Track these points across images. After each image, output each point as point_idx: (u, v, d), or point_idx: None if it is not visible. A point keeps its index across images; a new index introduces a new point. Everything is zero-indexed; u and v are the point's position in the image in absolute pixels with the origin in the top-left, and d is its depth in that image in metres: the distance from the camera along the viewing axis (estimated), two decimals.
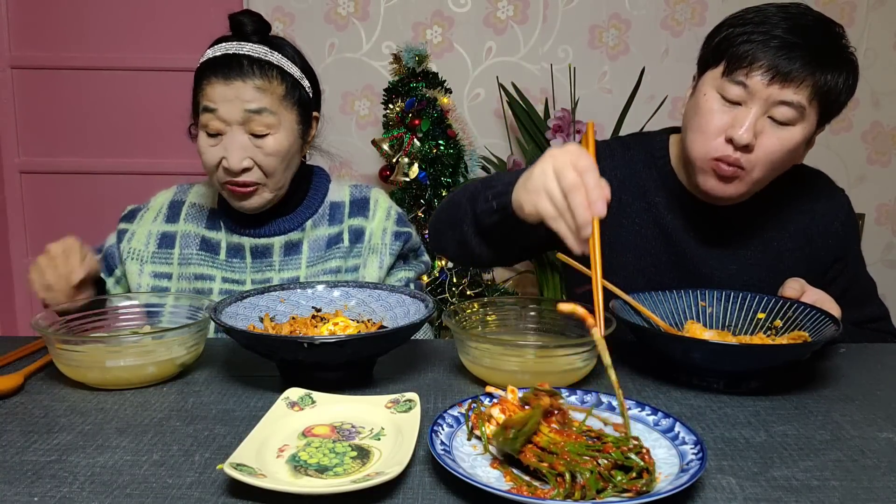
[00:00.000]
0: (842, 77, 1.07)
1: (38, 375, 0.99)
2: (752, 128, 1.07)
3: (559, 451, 0.68)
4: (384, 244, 1.31)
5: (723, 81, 1.10)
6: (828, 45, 1.07)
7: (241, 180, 1.20)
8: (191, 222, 1.32)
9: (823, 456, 0.78)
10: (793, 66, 1.04)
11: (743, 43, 1.07)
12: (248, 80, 1.17)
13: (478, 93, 2.76)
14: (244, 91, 1.17)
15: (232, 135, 1.18)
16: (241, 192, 1.21)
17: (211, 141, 1.20)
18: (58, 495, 0.68)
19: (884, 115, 2.77)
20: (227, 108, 1.17)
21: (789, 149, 1.10)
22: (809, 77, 1.05)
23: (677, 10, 2.70)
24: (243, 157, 1.18)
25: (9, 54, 2.77)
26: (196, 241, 1.30)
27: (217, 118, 1.18)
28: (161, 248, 1.30)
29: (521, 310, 1.09)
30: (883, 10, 2.68)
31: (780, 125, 1.08)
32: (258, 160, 1.20)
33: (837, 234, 1.25)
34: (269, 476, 0.68)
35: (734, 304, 1.11)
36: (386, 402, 0.85)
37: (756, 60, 1.06)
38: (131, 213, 1.36)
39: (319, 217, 1.32)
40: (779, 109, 1.07)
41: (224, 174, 1.20)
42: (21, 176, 2.88)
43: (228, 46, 1.21)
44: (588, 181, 0.90)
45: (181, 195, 1.36)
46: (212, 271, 1.28)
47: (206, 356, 1.05)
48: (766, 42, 1.06)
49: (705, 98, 1.12)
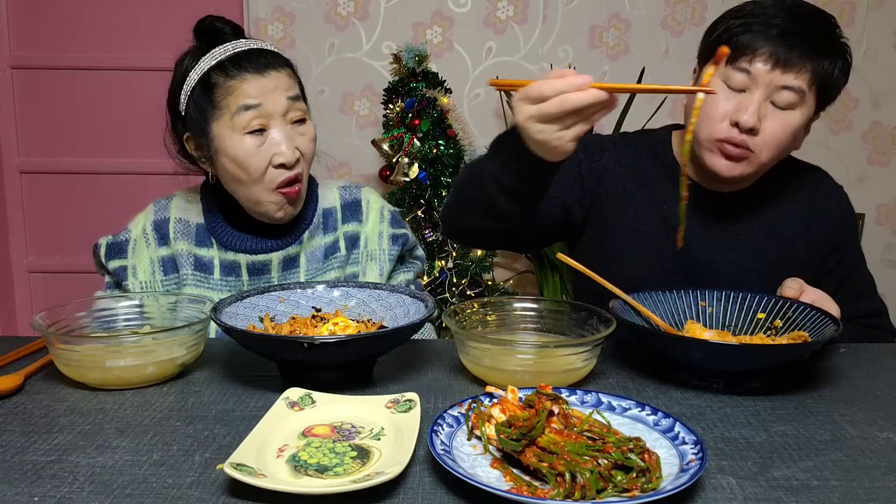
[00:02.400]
0: (837, 64, 1.13)
1: (38, 375, 0.99)
2: (757, 112, 1.12)
3: (559, 451, 0.68)
4: (382, 250, 1.28)
5: (726, 69, 1.14)
6: (824, 33, 1.14)
7: (294, 173, 1.16)
8: (181, 240, 1.24)
9: (823, 456, 0.78)
10: (793, 53, 1.10)
11: (744, 33, 1.12)
12: (280, 68, 1.16)
13: (478, 93, 2.76)
14: (281, 80, 1.15)
15: (278, 128, 1.15)
16: (295, 191, 1.17)
17: (256, 142, 1.14)
18: (58, 495, 0.68)
19: (884, 115, 2.77)
20: (271, 100, 1.13)
21: (791, 131, 1.15)
22: (809, 63, 1.11)
23: (677, 10, 2.70)
24: (294, 148, 1.16)
25: (9, 54, 2.77)
26: (190, 260, 1.23)
27: (261, 114, 1.13)
28: (167, 276, 1.24)
29: (521, 310, 1.09)
30: (883, 10, 2.68)
31: (782, 109, 1.14)
32: (302, 149, 1.17)
33: (836, 225, 1.29)
34: (269, 476, 0.68)
35: (734, 304, 1.11)
36: (386, 402, 0.85)
37: (758, 48, 1.11)
38: (116, 248, 1.25)
39: (315, 227, 1.26)
40: (780, 94, 1.13)
41: (278, 174, 1.15)
42: (21, 176, 2.88)
43: (236, 44, 1.16)
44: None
45: (162, 213, 1.26)
46: (208, 293, 1.21)
47: (206, 356, 1.05)
48: (767, 31, 1.11)
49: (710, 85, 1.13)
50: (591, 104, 0.89)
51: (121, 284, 1.25)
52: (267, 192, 1.17)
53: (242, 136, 1.14)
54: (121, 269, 1.24)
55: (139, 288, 1.23)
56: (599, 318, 1.00)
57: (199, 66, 1.17)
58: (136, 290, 1.22)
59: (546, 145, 0.95)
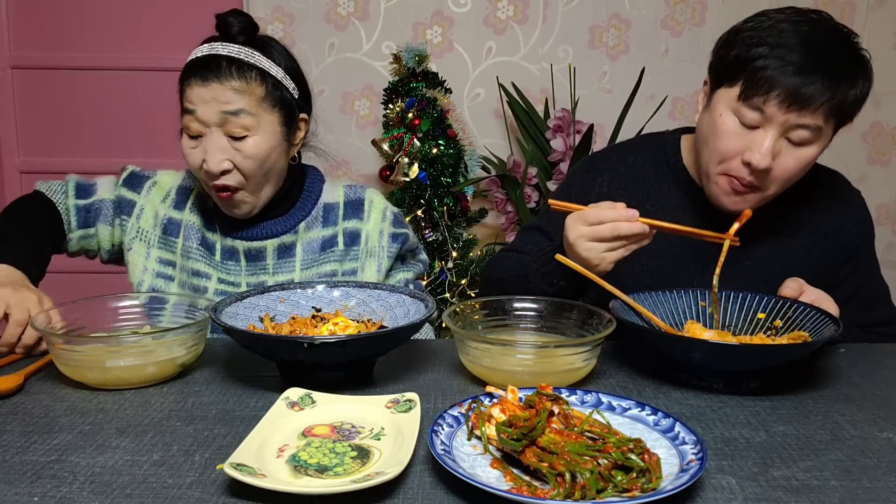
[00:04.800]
0: (857, 87, 1.08)
1: (38, 375, 0.99)
2: (770, 152, 1.09)
3: (559, 451, 0.68)
4: (381, 247, 1.30)
5: (739, 105, 1.09)
6: (843, 58, 1.08)
7: (221, 183, 1.18)
8: (195, 214, 1.30)
9: (823, 456, 0.78)
10: (809, 92, 1.05)
11: (760, 69, 1.06)
12: (226, 81, 1.16)
13: (478, 93, 2.75)
14: (221, 92, 1.15)
15: (210, 137, 1.17)
16: (224, 196, 1.20)
17: (192, 143, 1.19)
18: (58, 495, 0.68)
19: (884, 115, 2.77)
20: (205, 110, 1.16)
21: (806, 164, 1.13)
22: (826, 99, 1.05)
23: (677, 10, 2.70)
24: (221, 160, 1.16)
25: (9, 54, 2.77)
26: (197, 235, 1.28)
27: (196, 120, 1.17)
28: (166, 235, 1.29)
29: (521, 310, 1.09)
30: (883, 10, 2.68)
31: (797, 146, 1.10)
32: (237, 162, 1.18)
33: (851, 234, 1.26)
34: (269, 476, 0.68)
35: (734, 304, 1.11)
36: (386, 402, 0.85)
37: (773, 88, 1.05)
38: (136, 180, 1.32)
39: (313, 219, 1.30)
40: (796, 132, 1.09)
41: (206, 177, 1.19)
42: (21, 176, 2.88)
43: (211, 47, 1.19)
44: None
45: (190, 182, 1.33)
46: (209, 270, 1.27)
47: (206, 356, 1.05)
48: (783, 68, 1.05)
49: (721, 120, 1.12)
50: (635, 234, 1.05)
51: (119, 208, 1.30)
52: (208, 188, 1.23)
53: (185, 135, 1.20)
54: (128, 201, 1.30)
55: (135, 232, 1.29)
56: (599, 318, 1.00)
57: (187, 60, 1.21)
58: (131, 230, 1.29)
59: (589, 262, 1.07)
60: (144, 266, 1.27)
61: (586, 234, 1.07)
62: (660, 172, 1.28)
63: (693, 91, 2.73)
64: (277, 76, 1.21)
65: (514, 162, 2.59)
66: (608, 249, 1.07)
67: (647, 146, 1.32)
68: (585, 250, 1.07)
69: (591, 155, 1.41)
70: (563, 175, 2.48)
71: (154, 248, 1.28)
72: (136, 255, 1.28)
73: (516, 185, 2.52)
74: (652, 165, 1.29)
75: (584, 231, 1.07)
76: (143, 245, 1.28)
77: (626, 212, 1.05)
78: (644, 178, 1.28)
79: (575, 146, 2.46)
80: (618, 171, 1.30)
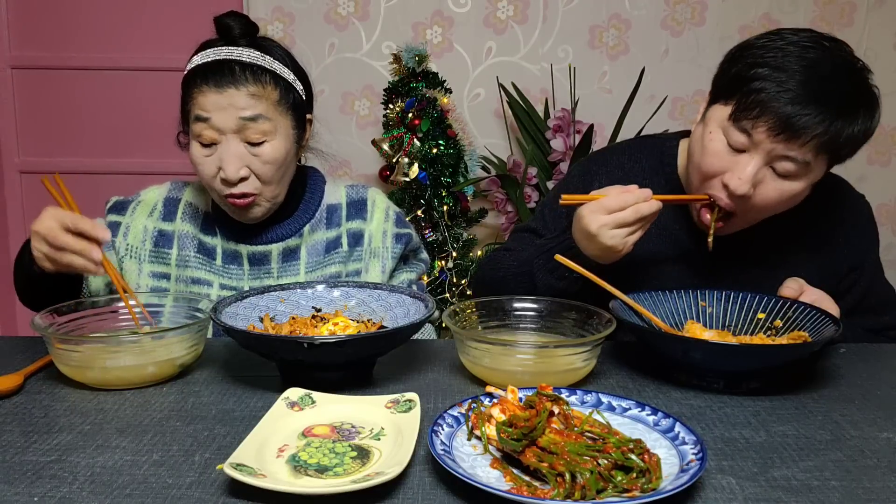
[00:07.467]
0: (855, 125, 1.03)
1: (38, 375, 0.99)
2: (751, 180, 1.06)
3: (559, 451, 0.68)
4: (385, 247, 1.29)
5: (728, 125, 1.07)
6: (845, 93, 1.03)
7: (239, 191, 1.16)
8: (188, 222, 1.27)
9: (823, 456, 0.78)
10: (800, 123, 1.01)
11: (755, 91, 1.03)
12: (242, 86, 1.13)
13: (478, 93, 2.75)
14: (238, 98, 1.13)
15: (227, 144, 1.14)
16: (242, 203, 1.17)
17: (205, 151, 1.16)
18: (58, 495, 0.68)
19: (884, 115, 2.72)
20: (221, 117, 1.13)
21: (788, 198, 1.09)
22: (817, 134, 1.01)
23: (677, 10, 2.70)
24: (240, 167, 1.14)
25: (9, 54, 2.77)
26: (193, 243, 1.26)
27: (211, 127, 1.14)
28: (158, 247, 1.26)
29: (521, 310, 1.09)
30: (883, 10, 2.68)
31: (781, 177, 1.07)
32: (255, 169, 1.16)
33: (854, 243, 1.24)
34: (268, 476, 0.68)
35: (734, 304, 1.11)
36: (386, 402, 0.85)
37: (764, 113, 1.02)
38: (120, 205, 1.29)
39: (317, 221, 1.29)
40: (781, 163, 1.05)
41: (222, 186, 1.16)
42: (21, 176, 2.88)
43: (218, 52, 1.16)
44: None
45: (176, 192, 1.31)
46: (209, 276, 1.24)
47: (206, 356, 1.05)
48: (778, 94, 1.01)
49: (710, 137, 1.10)
50: (653, 213, 1.06)
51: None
52: (220, 197, 1.20)
53: (196, 143, 1.17)
54: (114, 223, 1.27)
55: (124, 249, 1.26)
56: (599, 318, 1.00)
57: (188, 66, 1.19)
58: (121, 249, 1.26)
59: (613, 249, 1.07)
60: (137, 283, 1.24)
61: (609, 223, 1.05)
62: (655, 180, 1.26)
63: (693, 91, 2.73)
64: (288, 78, 1.20)
65: (514, 162, 2.59)
66: (630, 233, 1.07)
67: (644, 151, 1.30)
68: (610, 238, 1.06)
69: (588, 157, 1.40)
70: (563, 175, 2.48)
71: (145, 263, 1.25)
72: (128, 274, 1.25)
73: (516, 185, 2.52)
74: (648, 173, 1.27)
75: (607, 220, 1.05)
76: (133, 262, 1.25)
77: (643, 192, 1.06)
78: (639, 184, 1.26)
79: (575, 146, 2.46)
80: (614, 175, 1.28)
